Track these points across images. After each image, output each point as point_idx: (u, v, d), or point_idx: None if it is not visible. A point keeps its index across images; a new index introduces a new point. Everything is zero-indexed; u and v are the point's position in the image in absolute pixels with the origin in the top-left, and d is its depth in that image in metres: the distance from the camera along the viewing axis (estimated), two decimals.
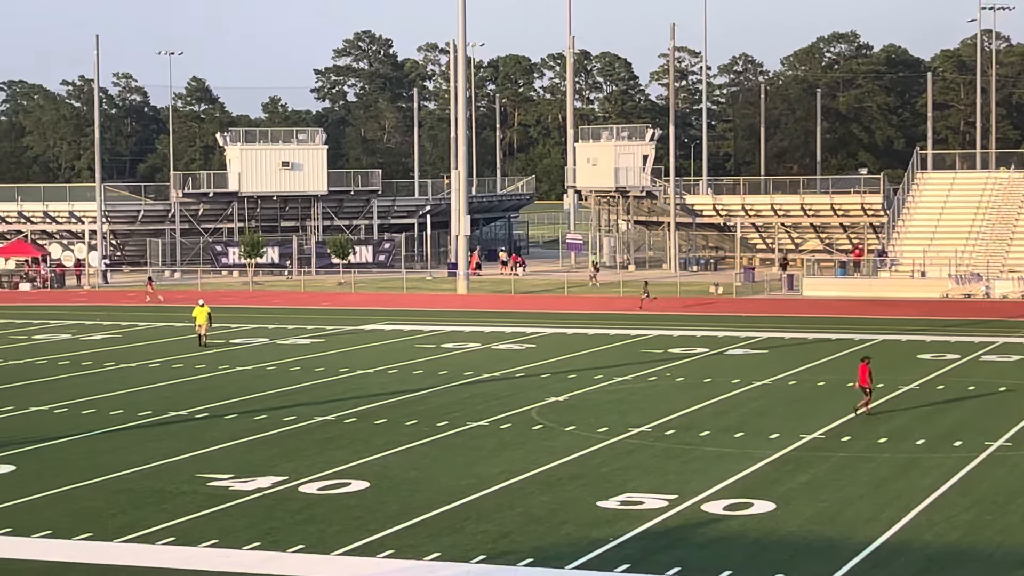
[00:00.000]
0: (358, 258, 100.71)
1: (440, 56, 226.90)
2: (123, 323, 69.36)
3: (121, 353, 57.70)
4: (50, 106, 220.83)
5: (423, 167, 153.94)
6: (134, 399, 45.27)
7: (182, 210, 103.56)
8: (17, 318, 72.26)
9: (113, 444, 37.68)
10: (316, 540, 27.54)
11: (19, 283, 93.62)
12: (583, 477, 32.92)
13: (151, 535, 28.01)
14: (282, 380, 49.47)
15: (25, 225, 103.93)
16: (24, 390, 47.62)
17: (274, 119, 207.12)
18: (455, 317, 71.79)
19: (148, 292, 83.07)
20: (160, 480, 32.97)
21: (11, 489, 32.10)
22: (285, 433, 39.11)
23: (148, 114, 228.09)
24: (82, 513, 29.87)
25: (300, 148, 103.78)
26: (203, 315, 59.09)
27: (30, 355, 57.19)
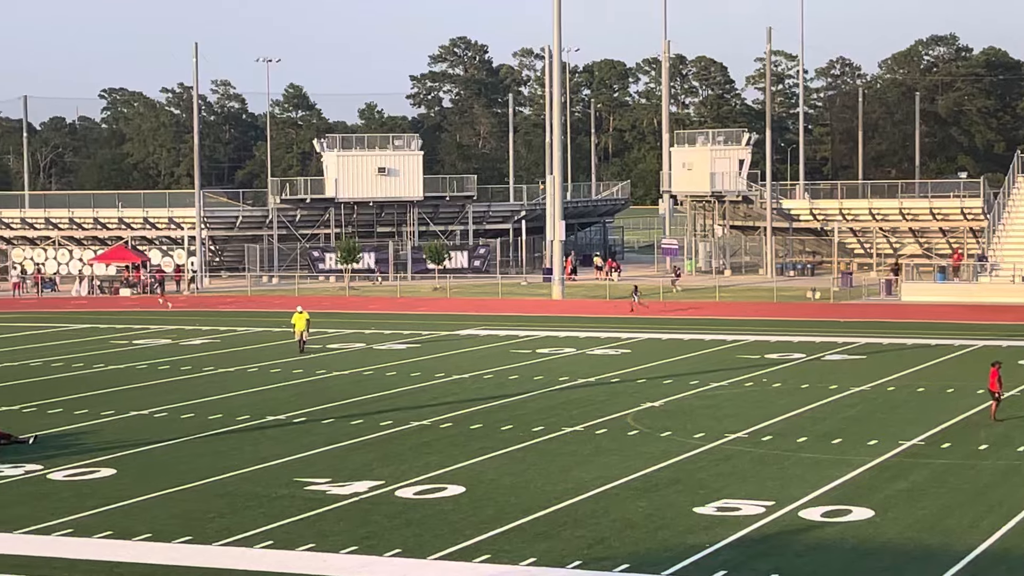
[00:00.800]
0: (453, 263, 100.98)
1: (535, 61, 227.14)
2: (221, 328, 70.00)
3: (220, 358, 58.23)
4: (150, 113, 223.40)
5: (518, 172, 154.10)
6: (233, 403, 45.67)
7: (279, 216, 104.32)
8: (118, 323, 73.14)
9: (212, 448, 38.04)
10: (413, 544, 27.63)
11: (119, 288, 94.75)
12: (679, 483, 32.79)
13: (250, 539, 28.24)
14: (379, 385, 49.69)
15: (126, 231, 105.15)
16: (125, 394, 48.17)
17: (370, 125, 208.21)
18: (550, 322, 71.77)
19: (160, 297, 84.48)
20: (258, 484, 33.23)
21: (112, 492, 32.49)
22: (382, 437, 39.28)
23: (246, 121, 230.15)
24: (182, 516, 30.16)
25: (396, 154, 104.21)
26: (302, 321, 59.39)
27: (131, 360, 57.84)
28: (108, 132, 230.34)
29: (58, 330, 70.21)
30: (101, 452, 37.36)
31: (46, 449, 37.88)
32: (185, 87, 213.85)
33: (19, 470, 35.15)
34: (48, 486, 33.45)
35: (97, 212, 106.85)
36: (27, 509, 30.92)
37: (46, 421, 42.44)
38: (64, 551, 27.52)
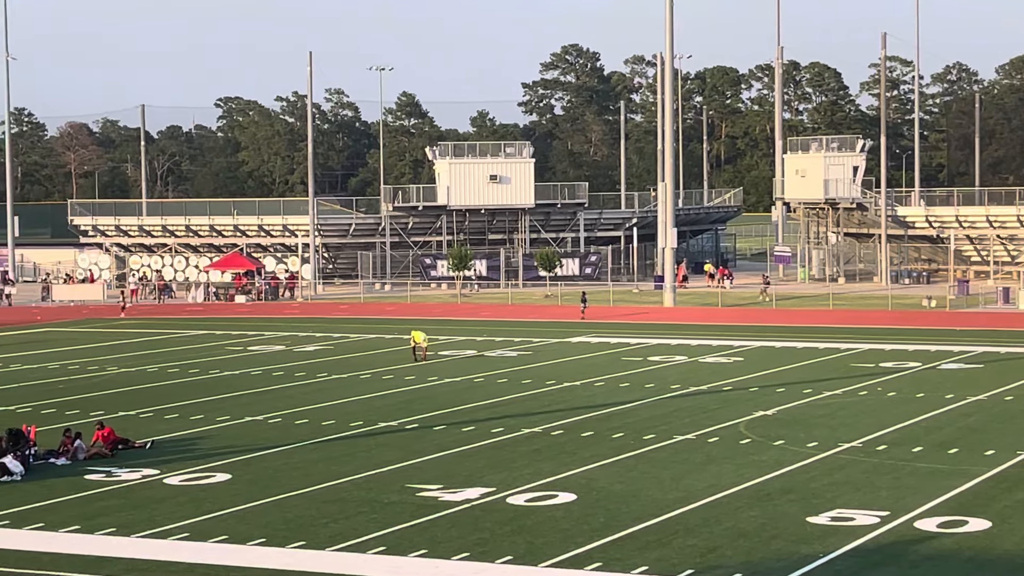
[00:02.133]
0: (565, 271, 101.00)
1: (647, 68, 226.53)
2: (335, 335, 70.50)
3: (333, 364, 58.65)
4: (264, 122, 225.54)
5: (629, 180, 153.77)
6: (345, 410, 45.97)
7: (392, 223, 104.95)
8: (233, 330, 73.91)
9: (325, 454, 38.31)
10: (524, 551, 27.65)
11: (235, 295, 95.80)
12: (792, 492, 32.53)
13: (362, 544, 28.41)
14: (490, 392, 49.79)
15: (240, 238, 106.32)
16: (240, 400, 48.67)
17: (482, 133, 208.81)
18: (662, 329, 71.54)
19: (122, 301, 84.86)
20: (371, 490, 33.43)
21: (227, 497, 32.84)
22: (493, 444, 39.36)
23: (359, 129, 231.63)
24: (295, 522, 30.42)
25: (508, 161, 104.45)
26: (420, 335, 59.56)
27: (245, 366, 58.44)
28: (224, 140, 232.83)
29: (174, 336, 71.10)
30: (216, 457, 37.78)
31: (162, 454, 38.38)
32: (299, 96, 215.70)
33: (136, 474, 35.63)
34: (164, 490, 33.88)
35: (213, 219, 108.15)
36: (144, 513, 31.34)
37: (162, 426, 42.99)
38: (180, 555, 27.85)
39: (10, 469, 35.31)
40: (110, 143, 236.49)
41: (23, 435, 37.01)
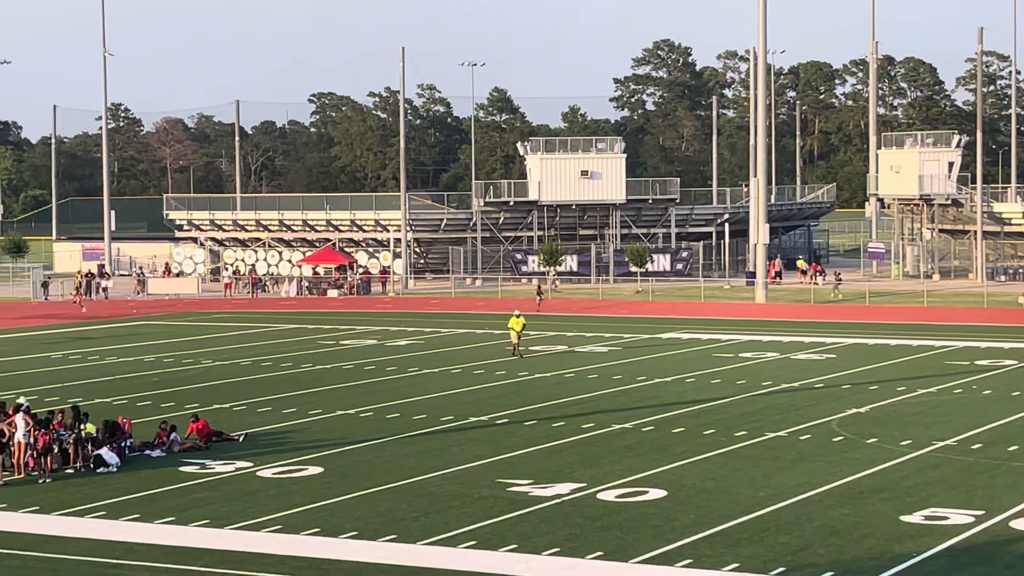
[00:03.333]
0: (656, 266, 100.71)
1: (740, 64, 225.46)
2: (426, 329, 70.78)
3: (424, 359, 58.89)
4: (357, 117, 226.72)
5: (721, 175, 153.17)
6: (436, 404, 46.15)
7: (483, 219, 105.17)
8: (325, 324, 74.40)
9: (416, 448, 38.49)
10: (614, 547, 27.65)
11: (327, 290, 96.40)
12: (885, 490, 32.28)
13: (453, 538, 28.52)
14: (580, 387, 49.79)
15: (333, 233, 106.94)
16: (332, 394, 49.00)
17: (573, 128, 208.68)
18: (753, 326, 71.20)
19: (76, 298, 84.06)
20: (461, 484, 33.55)
21: (319, 490, 33.09)
22: (583, 440, 39.36)
23: (451, 124, 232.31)
24: (386, 515, 30.59)
25: (599, 157, 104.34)
26: (519, 324, 59.14)
27: (337, 360, 58.80)
28: (317, 136, 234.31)
29: (267, 330, 71.70)
30: (308, 450, 38.06)
31: (256, 447, 38.73)
32: (392, 91, 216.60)
33: (230, 467, 35.99)
34: (257, 483, 34.19)
35: (306, 214, 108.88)
36: (238, 505, 31.65)
37: (256, 419, 43.38)
38: (273, 548, 28.11)
39: (106, 461, 35.78)
40: (205, 138, 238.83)
41: (119, 427, 37.49)
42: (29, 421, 35.32)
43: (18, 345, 65.50)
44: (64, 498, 32.51)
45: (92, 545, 28.42)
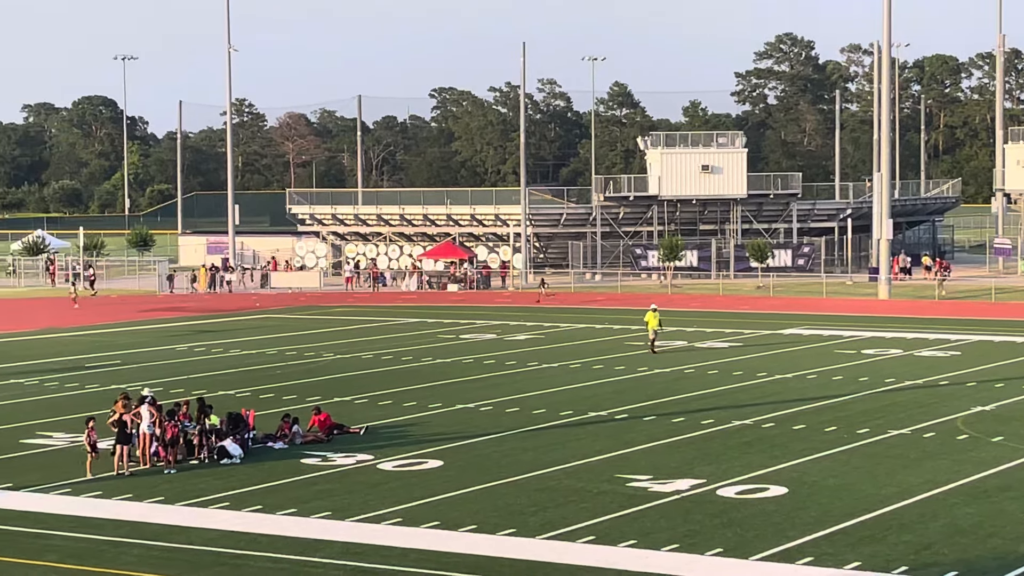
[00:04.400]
0: (777, 262, 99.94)
1: (863, 57, 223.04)
2: (545, 324, 70.81)
3: (543, 354, 58.92)
4: (478, 112, 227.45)
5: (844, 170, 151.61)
6: (555, 399, 46.17)
7: (603, 213, 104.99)
8: (445, 318, 74.72)
9: (535, 443, 38.54)
10: (734, 544, 27.50)
11: (447, 284, 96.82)
12: (1011, 489, 31.80)
13: (572, 533, 28.53)
14: (700, 383, 49.56)
15: (453, 228, 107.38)
16: (452, 388, 49.20)
17: (694, 123, 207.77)
18: (876, 322, 70.43)
19: (72, 294, 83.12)
20: (580, 479, 33.54)
21: (439, 484, 33.24)
22: (703, 436, 39.19)
23: (571, 119, 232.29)
24: (505, 509, 30.67)
25: (720, 151, 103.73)
26: (655, 320, 58.64)
27: (457, 354, 59.03)
28: (437, 131, 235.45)
29: (388, 324, 72.14)
30: (428, 444, 38.26)
31: (376, 440, 39.00)
32: (512, 86, 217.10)
33: (351, 459, 36.27)
34: (378, 476, 34.43)
35: (426, 209, 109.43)
36: (359, 498, 31.89)
37: (377, 412, 43.67)
38: (394, 540, 28.29)
39: (230, 452, 36.21)
40: (327, 133, 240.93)
41: (242, 419, 37.93)
42: (154, 412, 35.85)
43: (144, 337, 66.51)
44: (189, 489, 32.96)
45: (216, 535, 28.79)
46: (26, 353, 60.27)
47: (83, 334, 68.18)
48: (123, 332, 68.87)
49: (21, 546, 28.07)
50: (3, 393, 48.58)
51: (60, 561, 26.99)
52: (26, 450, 38.07)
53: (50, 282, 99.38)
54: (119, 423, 35.14)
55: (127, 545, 28.12)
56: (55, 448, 38.25)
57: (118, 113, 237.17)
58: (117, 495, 32.34)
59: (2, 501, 31.91)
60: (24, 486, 33.39)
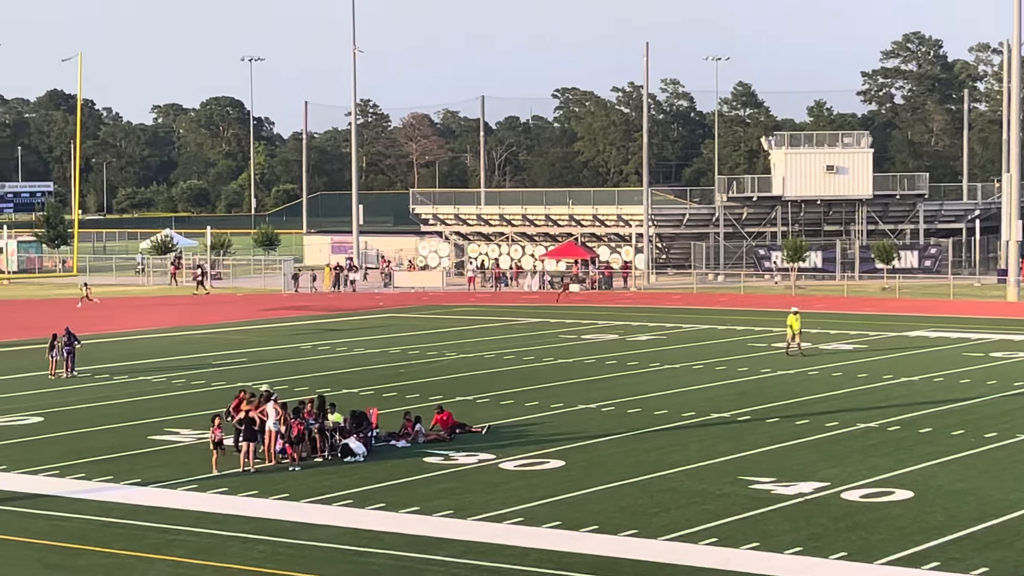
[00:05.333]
0: (903, 263, 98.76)
1: (992, 56, 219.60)
2: (667, 325, 70.57)
3: (666, 354, 58.73)
4: (600, 112, 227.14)
5: (972, 170, 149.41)
6: (678, 400, 46.01)
7: (726, 214, 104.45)
8: (567, 318, 74.72)
9: (657, 443, 38.44)
10: (859, 548, 27.23)
11: (569, 284, 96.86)
12: None
13: (694, 535, 28.42)
14: (824, 385, 49.11)
15: (575, 228, 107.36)
16: (573, 388, 49.19)
17: (819, 122, 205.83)
18: (1004, 325, 69.35)
19: (85, 296, 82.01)
20: (703, 481, 33.40)
21: (560, 484, 33.26)
22: (827, 438, 38.83)
23: (694, 119, 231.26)
24: (627, 510, 30.62)
25: (845, 152, 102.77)
26: (797, 323, 58.00)
27: (579, 354, 59.01)
28: (560, 131, 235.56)
29: (510, 324, 72.30)
30: (550, 444, 38.29)
31: (498, 439, 39.10)
32: (635, 86, 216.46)
33: (473, 459, 36.40)
34: (500, 475, 34.53)
35: (548, 209, 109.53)
36: (480, 497, 32.00)
37: (498, 412, 43.79)
38: (515, 539, 28.35)
39: (353, 450, 36.50)
40: (450, 133, 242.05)
41: (366, 417, 38.21)
42: (279, 410, 36.23)
43: (269, 336, 67.25)
44: (313, 486, 33.27)
45: (339, 532, 29.04)
46: (154, 350, 61.21)
47: (210, 332, 69.11)
48: (249, 330, 69.71)
49: (149, 541, 28.52)
50: (132, 390, 49.39)
51: (187, 556, 27.38)
52: (154, 446, 38.67)
53: (172, 281, 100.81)
54: (246, 420, 35.57)
55: (253, 541, 28.45)
56: (182, 445, 38.81)
57: (245, 114, 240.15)
58: (243, 492, 32.74)
59: (130, 496, 32.44)
60: (152, 482, 33.92)
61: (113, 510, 31.13)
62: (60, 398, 47.35)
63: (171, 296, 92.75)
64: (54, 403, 46.21)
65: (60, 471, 35.26)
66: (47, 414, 44.03)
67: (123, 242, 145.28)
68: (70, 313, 74.79)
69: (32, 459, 36.77)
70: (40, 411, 44.56)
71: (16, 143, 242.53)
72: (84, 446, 38.59)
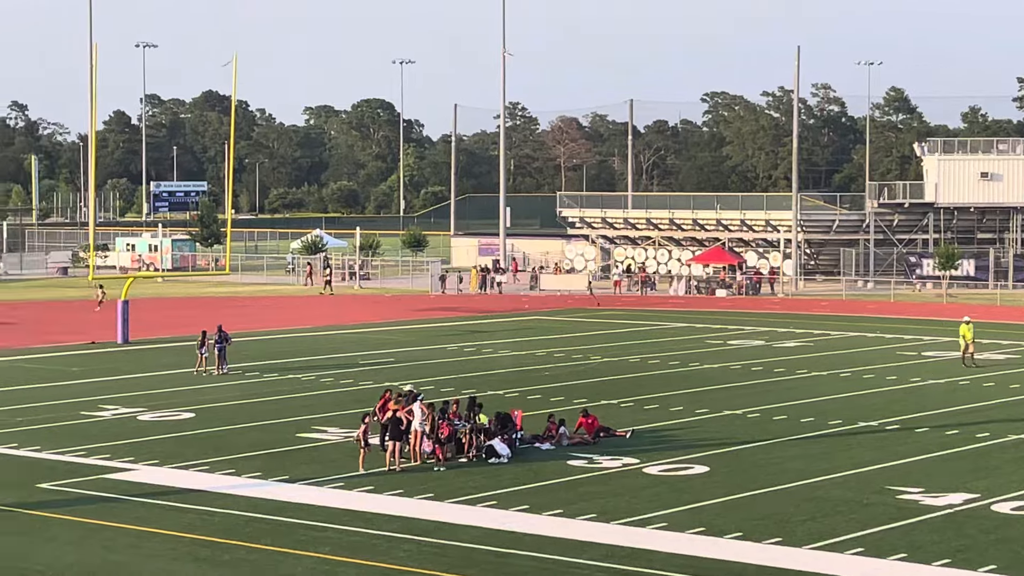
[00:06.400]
0: None
1: None
2: (815, 332, 69.88)
3: (812, 361, 58.17)
4: (749, 116, 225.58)
5: None
6: (824, 408, 45.53)
7: (876, 220, 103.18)
8: (713, 323, 74.32)
9: (803, 451, 38.09)
10: (1009, 562, 26.76)
11: (716, 289, 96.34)
12: None
13: (839, 544, 28.12)
14: (975, 396, 48.29)
15: (723, 233, 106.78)
16: (719, 393, 48.93)
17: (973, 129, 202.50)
18: None
19: (98, 299, 80.00)
20: (849, 490, 33.03)
21: (705, 490, 33.11)
22: (978, 449, 38.20)
23: (845, 124, 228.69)
24: (771, 517, 30.38)
25: (1000, 158, 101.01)
26: (970, 332, 56.61)
27: (725, 360, 58.66)
28: (708, 135, 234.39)
29: (656, 328, 72.08)
30: (695, 449, 38.12)
31: (642, 443, 39.02)
32: (785, 90, 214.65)
33: (617, 463, 36.36)
34: (644, 480, 34.45)
35: (696, 214, 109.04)
36: (623, 501, 31.96)
37: (643, 416, 43.69)
38: (659, 544, 28.27)
39: (498, 452, 36.64)
40: (598, 137, 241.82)
41: (510, 419, 38.34)
42: (425, 410, 36.49)
43: (417, 336, 67.75)
44: (457, 486, 33.46)
45: (481, 533, 29.18)
46: (303, 349, 61.97)
47: (358, 332, 69.81)
48: (396, 331, 70.29)
49: (297, 537, 28.89)
50: (281, 388, 50.06)
51: (332, 553, 27.69)
52: (302, 444, 39.16)
53: (308, 282, 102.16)
54: (392, 420, 35.87)
55: (398, 540, 28.69)
56: (329, 443, 39.25)
57: (395, 116, 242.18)
58: (388, 490, 33.03)
59: (278, 493, 32.89)
60: (299, 479, 34.36)
61: (261, 506, 31.59)
62: (211, 394, 48.15)
63: (318, 296, 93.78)
64: (205, 399, 47.00)
65: (210, 466, 35.87)
66: (198, 410, 44.80)
67: (274, 242, 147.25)
68: (221, 311, 76.01)
69: (183, 454, 37.45)
70: (191, 407, 45.35)
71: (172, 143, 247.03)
72: (234, 442, 39.22)
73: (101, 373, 53.59)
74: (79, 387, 50.12)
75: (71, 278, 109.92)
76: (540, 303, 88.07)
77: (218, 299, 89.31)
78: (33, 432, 40.86)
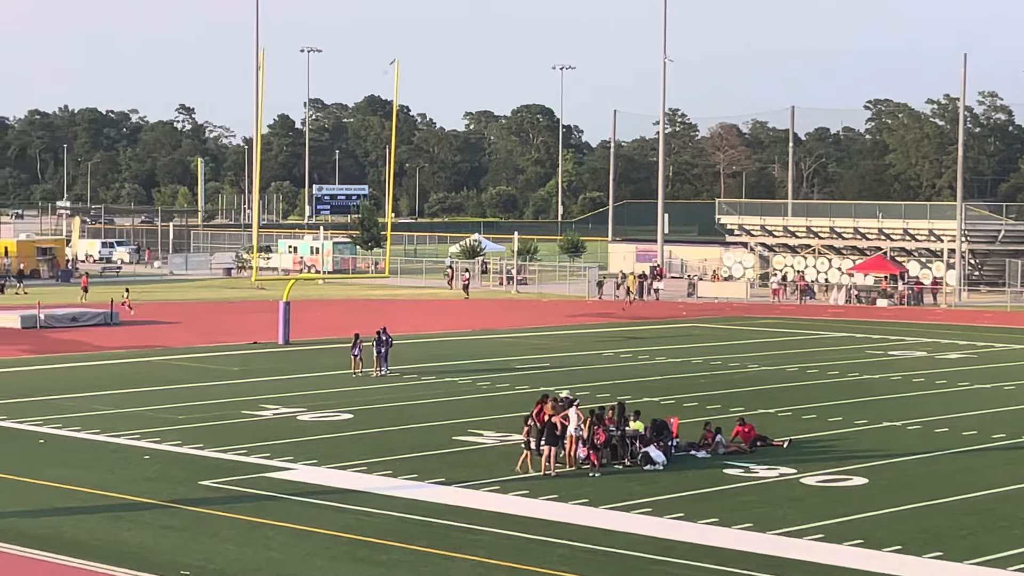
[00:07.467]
0: None
1: None
2: (979, 343, 68.64)
3: (976, 373, 57.14)
4: (914, 124, 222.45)
5: None
6: (988, 420, 44.70)
7: None
8: (874, 333, 73.33)
9: (965, 464, 37.44)
10: None
11: (876, 299, 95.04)
12: None
13: (1002, 560, 27.62)
14: None
15: (884, 242, 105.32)
16: (878, 404, 48.28)
17: None
18: None
19: (126, 302, 78.60)
20: (1014, 505, 32.40)
21: (863, 501, 32.69)
22: None
23: (1012, 133, 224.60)
24: (932, 531, 29.92)
25: None
26: None
27: (885, 370, 57.85)
28: (871, 143, 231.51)
29: (814, 337, 71.33)
30: (853, 460, 37.64)
31: (799, 453, 38.63)
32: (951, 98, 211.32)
33: (774, 472, 36.05)
34: (801, 490, 34.12)
35: (857, 222, 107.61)
36: (780, 511, 31.69)
37: (800, 426, 43.26)
38: (816, 556, 27.98)
39: (653, 458, 36.53)
40: (758, 144, 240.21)
41: (666, 426, 38.20)
42: (580, 415, 36.50)
43: (573, 341, 67.80)
44: (612, 492, 33.42)
45: (636, 540, 29.11)
46: (460, 352, 62.34)
47: (514, 336, 70.03)
48: (553, 336, 70.40)
49: (452, 540, 29.06)
50: (439, 391, 50.40)
51: (489, 556, 27.80)
52: (458, 447, 39.39)
53: (450, 285, 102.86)
54: (548, 425, 35.92)
55: (552, 545, 28.73)
56: (485, 446, 39.44)
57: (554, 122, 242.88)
58: (543, 495, 33.08)
59: (434, 495, 33.11)
60: (455, 481, 34.56)
61: (417, 507, 31.83)
62: (369, 396, 48.64)
63: (480, 299, 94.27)
64: (363, 400, 47.49)
65: (367, 467, 36.23)
66: (357, 411, 45.29)
67: (433, 245, 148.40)
68: (380, 314, 76.69)
69: (341, 455, 37.87)
70: (350, 408, 45.87)
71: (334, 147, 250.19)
72: (391, 443, 39.57)
73: (262, 373, 54.43)
74: (241, 386, 50.97)
75: (235, 279, 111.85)
76: (698, 310, 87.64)
77: (377, 302, 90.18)
78: (196, 430, 41.64)
